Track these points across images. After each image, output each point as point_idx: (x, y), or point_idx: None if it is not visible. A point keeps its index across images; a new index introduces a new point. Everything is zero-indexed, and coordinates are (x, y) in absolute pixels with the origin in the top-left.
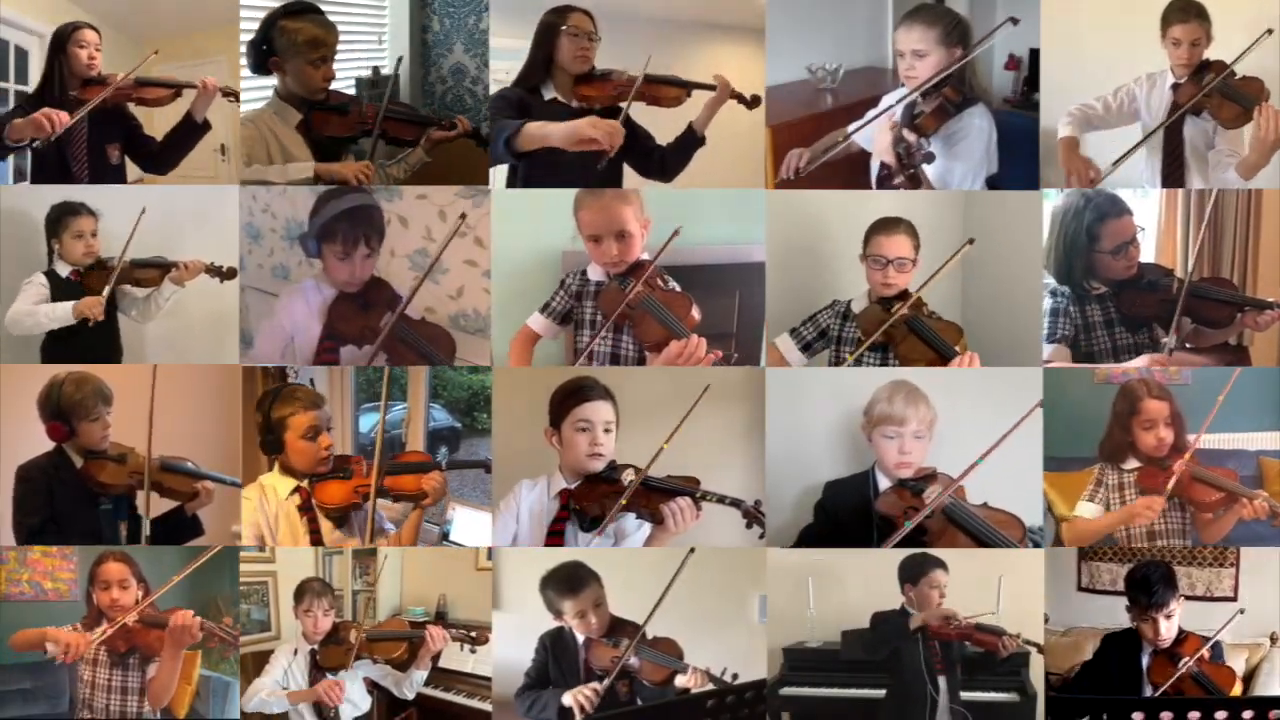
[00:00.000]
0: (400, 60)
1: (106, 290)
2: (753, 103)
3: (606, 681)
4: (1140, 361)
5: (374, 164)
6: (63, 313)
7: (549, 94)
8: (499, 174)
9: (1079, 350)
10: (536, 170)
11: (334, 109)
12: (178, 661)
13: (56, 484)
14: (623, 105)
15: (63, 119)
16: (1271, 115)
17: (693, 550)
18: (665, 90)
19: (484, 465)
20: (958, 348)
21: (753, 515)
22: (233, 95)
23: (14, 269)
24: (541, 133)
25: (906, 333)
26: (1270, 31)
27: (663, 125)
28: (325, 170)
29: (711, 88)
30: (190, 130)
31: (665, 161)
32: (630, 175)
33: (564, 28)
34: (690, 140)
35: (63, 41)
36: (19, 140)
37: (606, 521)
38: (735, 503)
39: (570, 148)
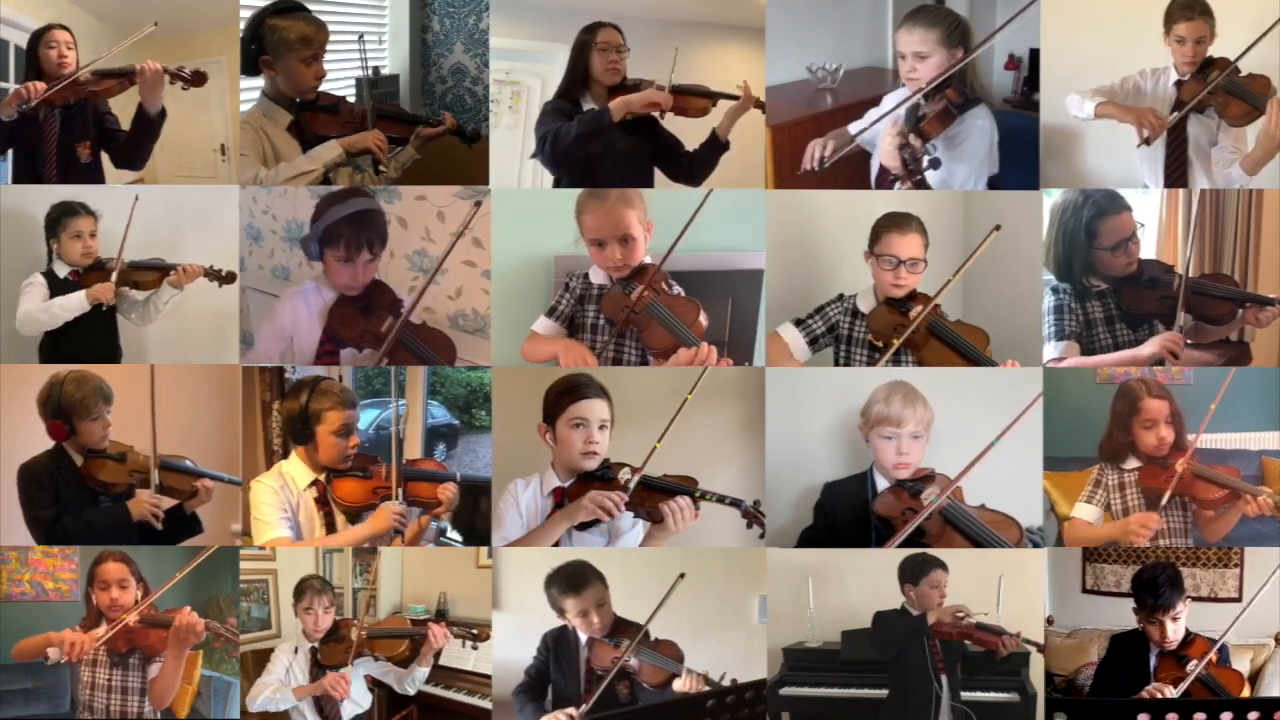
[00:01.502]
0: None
1: (114, 276)
2: (760, 105)
3: (587, 705)
4: (1151, 346)
5: (366, 166)
6: (77, 302)
7: (587, 105)
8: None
9: (1081, 347)
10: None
11: (324, 109)
12: (181, 661)
13: (59, 482)
14: (655, 115)
15: (39, 88)
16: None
17: (682, 576)
18: (693, 101)
19: (487, 484)
20: (987, 353)
21: (752, 515)
22: (183, 79)
23: (13, 269)
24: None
25: (928, 337)
26: None
27: (685, 130)
28: (349, 143)
29: (735, 97)
30: (146, 123)
31: (693, 167)
32: (660, 179)
33: (595, 44)
34: (715, 146)
35: (36, 44)
36: (10, 116)
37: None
38: (735, 503)
39: (641, 110)
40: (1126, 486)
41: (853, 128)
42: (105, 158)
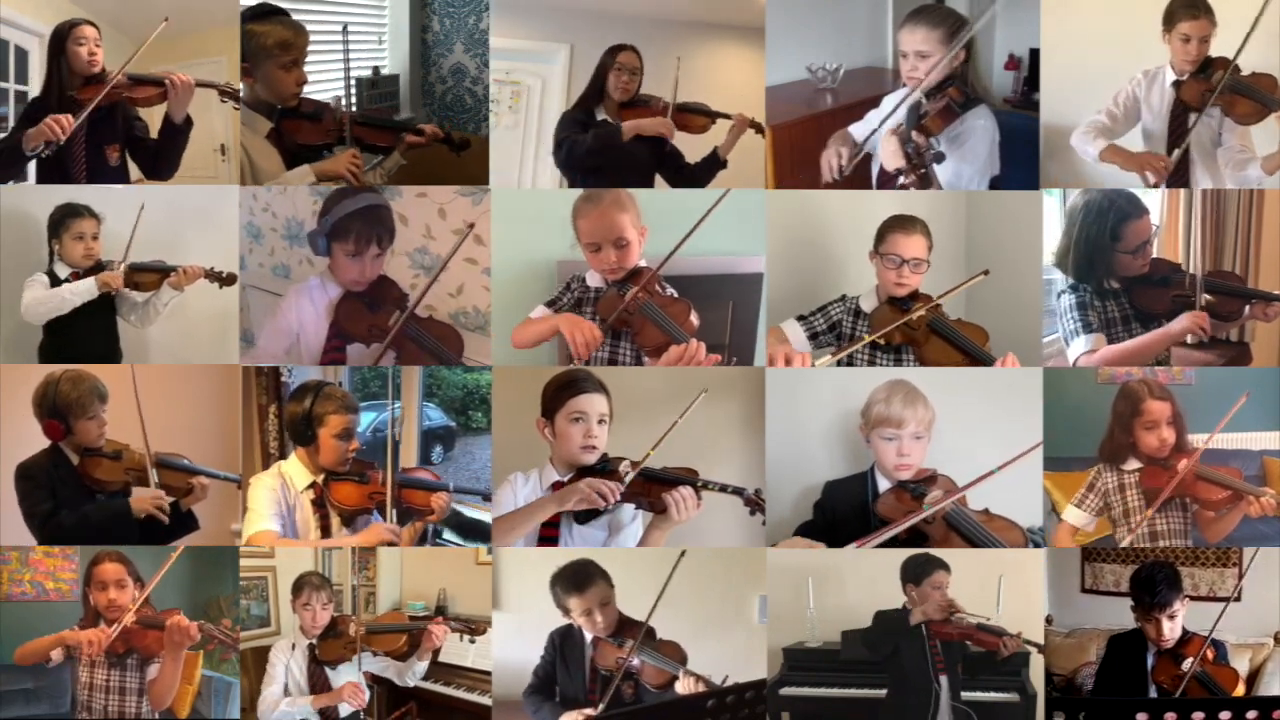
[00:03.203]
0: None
1: (122, 267)
2: (760, 130)
3: (619, 677)
4: (1181, 321)
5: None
6: (86, 287)
7: (600, 115)
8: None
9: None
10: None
11: (305, 116)
12: (179, 663)
13: (55, 481)
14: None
15: (67, 122)
16: None
17: (684, 552)
18: (694, 119)
19: (484, 495)
20: (987, 348)
21: (755, 503)
22: (230, 94)
23: (14, 269)
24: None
25: (929, 335)
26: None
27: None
28: (320, 170)
29: (729, 117)
30: (173, 131)
31: (691, 178)
32: (660, 184)
33: (614, 65)
34: (714, 162)
35: (62, 40)
36: (35, 149)
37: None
38: (737, 491)
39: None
40: (1127, 488)
41: (855, 131)
42: (132, 166)
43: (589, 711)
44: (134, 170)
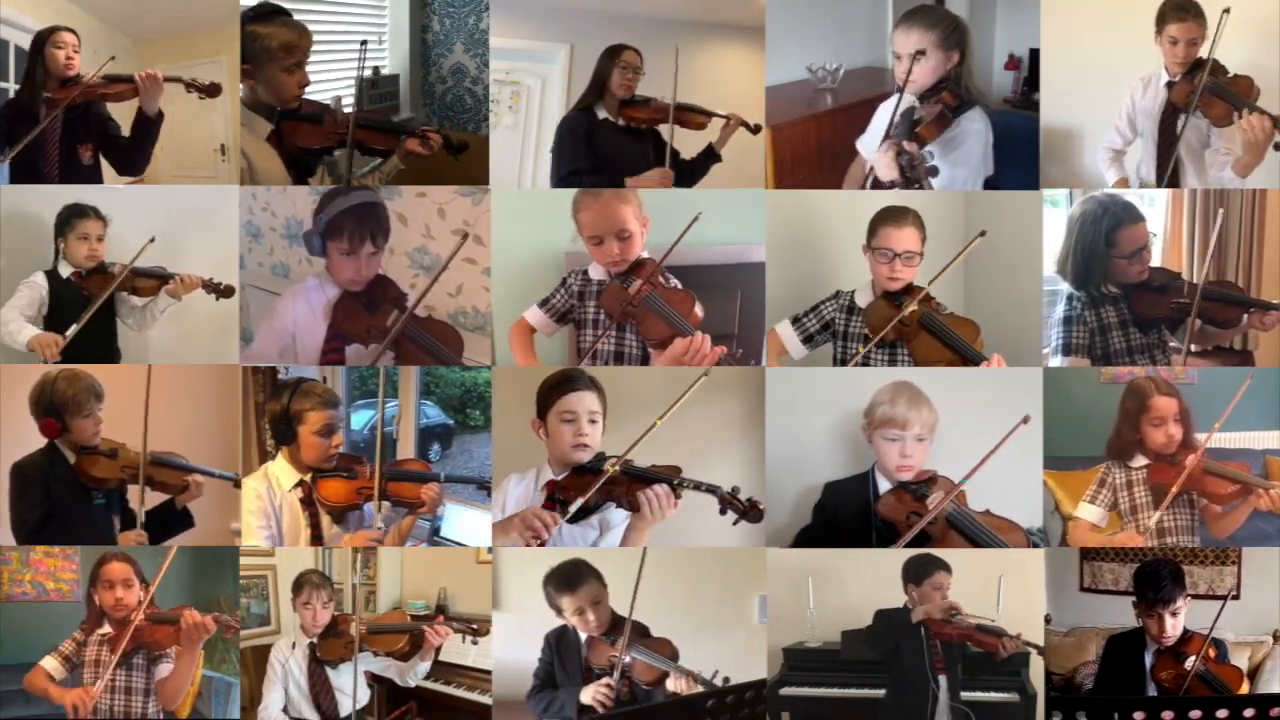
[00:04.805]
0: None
1: (72, 330)
2: (755, 130)
3: (615, 674)
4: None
5: (349, 175)
6: (21, 338)
7: (601, 114)
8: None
9: (1095, 353)
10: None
11: (306, 118)
12: (194, 658)
13: (52, 480)
14: (660, 127)
15: None
16: (1254, 119)
17: (645, 550)
18: (693, 117)
19: (479, 483)
20: (977, 345)
21: (728, 501)
22: (197, 87)
23: (15, 268)
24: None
25: (919, 329)
26: (1227, 11)
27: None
28: None
29: (726, 118)
30: (145, 125)
31: (691, 171)
32: None
33: (617, 63)
34: (710, 156)
35: (42, 44)
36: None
37: (586, 505)
38: (711, 489)
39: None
40: (1134, 484)
41: (861, 147)
42: (105, 164)
43: (609, 681)
44: (111, 172)
